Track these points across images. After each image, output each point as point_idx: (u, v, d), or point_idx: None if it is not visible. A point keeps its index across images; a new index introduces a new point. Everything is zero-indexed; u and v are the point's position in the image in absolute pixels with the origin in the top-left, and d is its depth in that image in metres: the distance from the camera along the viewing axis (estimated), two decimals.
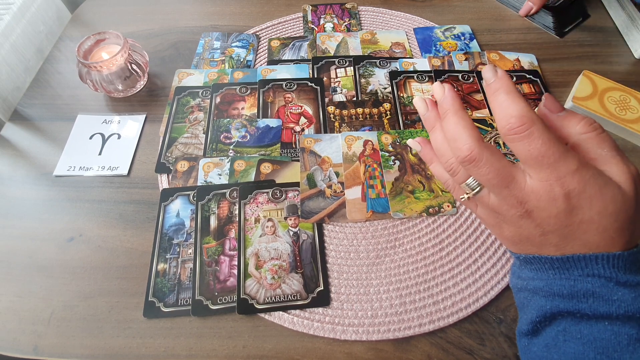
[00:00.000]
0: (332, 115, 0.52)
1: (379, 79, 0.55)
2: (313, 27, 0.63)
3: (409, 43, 0.60)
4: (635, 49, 0.58)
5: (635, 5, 0.59)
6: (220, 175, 0.46)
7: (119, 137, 0.51)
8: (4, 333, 0.37)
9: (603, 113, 0.50)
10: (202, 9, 0.66)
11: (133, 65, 0.52)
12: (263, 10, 0.65)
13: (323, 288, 0.39)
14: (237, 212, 0.43)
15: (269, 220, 0.43)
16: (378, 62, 0.57)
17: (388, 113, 0.52)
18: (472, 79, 0.55)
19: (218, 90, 0.54)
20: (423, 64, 0.57)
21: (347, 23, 0.63)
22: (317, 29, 0.63)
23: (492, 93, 0.26)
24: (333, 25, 0.63)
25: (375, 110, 0.52)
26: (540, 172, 0.24)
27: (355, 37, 0.61)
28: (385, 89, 0.54)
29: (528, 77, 0.55)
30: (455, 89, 0.54)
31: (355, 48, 0.60)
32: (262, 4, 0.66)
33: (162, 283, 0.39)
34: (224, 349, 0.36)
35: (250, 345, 0.37)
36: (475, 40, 0.61)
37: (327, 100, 0.53)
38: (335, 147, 0.48)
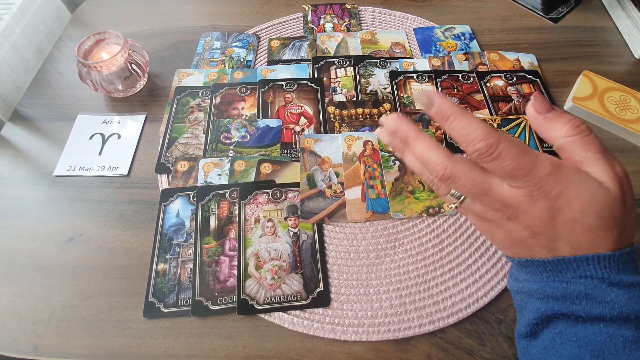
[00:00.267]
0: (332, 116, 0.52)
1: (379, 79, 0.55)
2: (313, 27, 0.63)
3: (409, 43, 0.60)
4: (635, 49, 0.58)
5: (636, 5, 0.59)
6: (220, 176, 0.46)
7: (119, 137, 0.51)
8: (4, 333, 0.37)
9: (603, 113, 0.50)
10: (202, 9, 0.66)
11: (133, 65, 0.52)
12: (263, 10, 0.65)
13: (323, 288, 0.39)
14: (237, 212, 0.43)
15: (269, 221, 0.43)
16: (378, 62, 0.57)
17: (388, 113, 0.52)
18: (472, 79, 0.55)
19: (218, 90, 0.54)
20: (423, 64, 0.57)
21: (347, 23, 0.63)
22: (317, 29, 0.63)
23: (444, 120, 0.27)
24: (333, 25, 0.63)
25: (376, 111, 0.52)
26: (518, 181, 0.25)
27: (355, 37, 0.61)
28: (385, 89, 0.54)
29: (528, 77, 0.55)
30: (455, 89, 0.54)
31: (355, 48, 0.60)
32: (262, 4, 0.66)
33: (162, 283, 0.39)
34: (224, 349, 0.36)
35: (250, 346, 0.37)
36: (475, 40, 0.61)
37: (327, 101, 0.53)
38: (335, 147, 0.48)
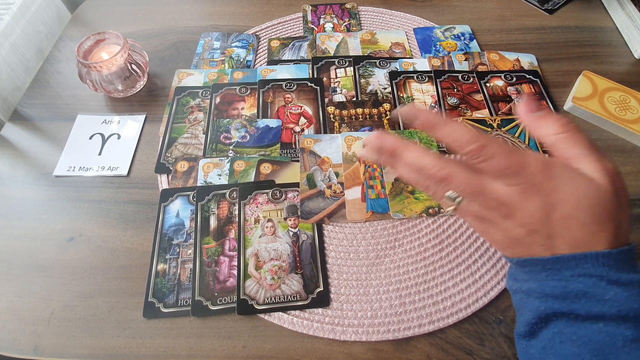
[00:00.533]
0: (332, 116, 0.52)
1: (379, 79, 0.55)
2: (313, 27, 0.63)
3: (409, 43, 0.60)
4: (635, 49, 0.58)
5: (636, 5, 0.59)
6: (220, 176, 0.46)
7: (119, 137, 0.51)
8: (4, 333, 0.37)
9: (603, 113, 0.50)
10: (202, 9, 0.66)
11: (133, 65, 0.52)
12: (263, 10, 0.65)
13: (323, 288, 0.39)
14: (236, 212, 0.43)
15: (269, 221, 0.43)
16: (378, 62, 0.57)
17: (388, 113, 0.52)
18: (472, 79, 0.55)
19: (218, 91, 0.54)
20: (423, 64, 0.57)
21: (347, 23, 0.63)
22: (317, 29, 0.63)
23: (431, 127, 0.27)
24: (333, 25, 0.63)
25: (375, 111, 0.52)
26: (510, 180, 0.25)
27: (355, 37, 0.61)
28: (385, 89, 0.54)
29: (528, 77, 0.55)
30: (455, 90, 0.54)
31: (355, 48, 0.60)
32: (262, 4, 0.66)
33: (162, 283, 0.39)
34: (224, 349, 0.36)
35: (250, 346, 0.37)
36: (475, 41, 0.61)
37: (327, 101, 0.53)
38: (335, 147, 0.48)
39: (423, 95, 0.53)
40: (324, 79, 0.55)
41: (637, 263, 0.25)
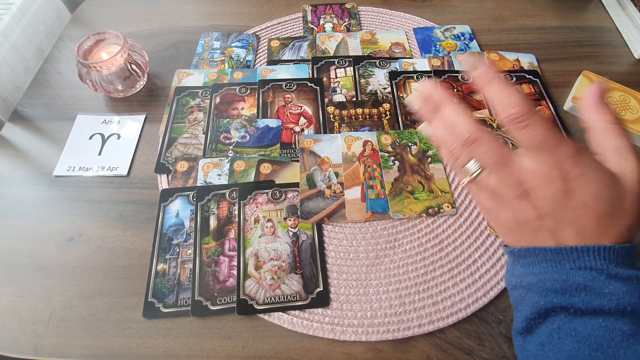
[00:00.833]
0: (331, 116, 0.52)
1: (379, 79, 0.55)
2: (313, 27, 0.63)
3: (409, 43, 0.60)
4: (635, 49, 0.58)
5: (636, 5, 0.59)
6: (220, 176, 0.46)
7: (119, 137, 0.51)
8: (4, 333, 0.37)
9: None
10: (202, 9, 0.66)
11: (133, 66, 0.52)
12: (263, 10, 0.65)
13: (322, 289, 0.39)
14: (236, 212, 0.43)
15: (269, 221, 0.43)
16: (378, 62, 0.57)
17: (388, 113, 0.52)
18: (471, 79, 0.55)
19: (218, 91, 0.54)
20: (423, 64, 0.57)
21: (346, 23, 0.63)
22: (316, 29, 0.63)
23: (485, 83, 0.27)
24: (333, 26, 0.63)
25: (375, 111, 0.52)
26: (540, 155, 0.25)
27: (355, 37, 0.61)
28: (385, 89, 0.54)
29: (528, 77, 0.55)
30: (455, 90, 0.54)
31: (355, 48, 0.60)
32: (262, 4, 0.66)
33: (161, 283, 0.39)
34: (224, 349, 0.36)
35: (250, 346, 0.37)
36: (475, 41, 0.61)
37: (326, 101, 0.53)
38: (335, 147, 0.48)
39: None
40: (324, 79, 0.55)
41: (636, 261, 0.26)
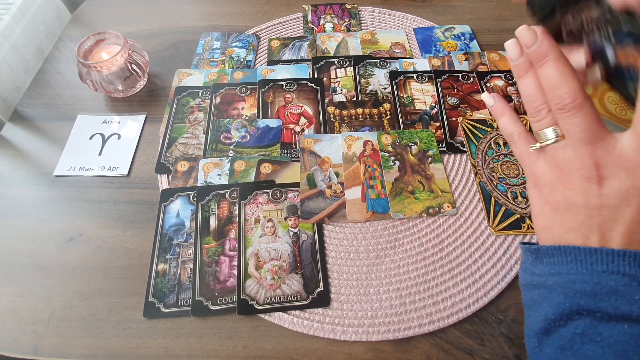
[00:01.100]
0: (332, 116, 0.52)
1: (379, 79, 0.55)
2: (313, 27, 0.63)
3: (409, 43, 0.60)
4: None
5: None
6: (220, 176, 0.46)
7: (119, 137, 0.51)
8: (4, 333, 0.37)
9: (603, 113, 0.50)
10: (202, 9, 0.66)
11: (133, 66, 0.52)
12: (263, 10, 0.65)
13: (323, 288, 0.39)
14: (237, 212, 0.43)
15: (269, 221, 0.43)
16: (378, 62, 0.57)
17: (388, 113, 0.52)
18: (472, 79, 0.55)
19: (218, 91, 0.54)
20: (423, 64, 0.57)
21: (347, 23, 0.63)
22: (317, 29, 0.63)
23: (540, 61, 0.25)
24: (333, 25, 0.63)
25: (375, 111, 0.52)
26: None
27: (355, 37, 0.61)
28: (385, 89, 0.54)
29: None
30: (455, 89, 0.54)
31: (355, 48, 0.60)
32: (262, 4, 0.66)
33: (162, 283, 0.39)
34: (224, 349, 0.36)
35: (250, 346, 0.37)
36: (475, 41, 0.61)
37: (327, 101, 0.53)
38: (335, 147, 0.48)
39: (423, 95, 0.53)
40: (324, 79, 0.55)
41: None
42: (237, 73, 0.56)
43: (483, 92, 0.54)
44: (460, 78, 0.55)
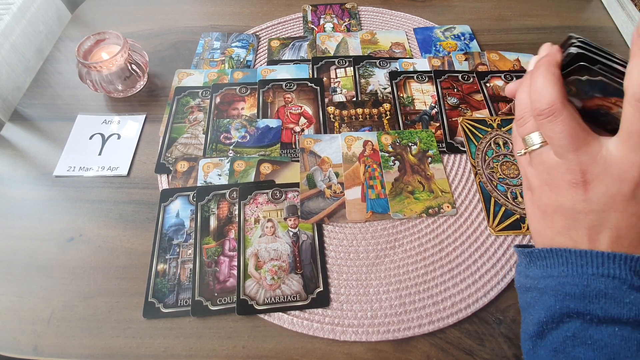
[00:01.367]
0: (331, 116, 0.52)
1: (379, 79, 0.55)
2: (313, 27, 0.63)
3: (409, 43, 0.60)
4: None
5: (636, 5, 0.59)
6: (220, 176, 0.46)
7: (119, 137, 0.51)
8: (4, 333, 0.37)
9: None
10: (202, 9, 0.66)
11: (133, 66, 0.52)
12: (263, 10, 0.65)
13: (323, 289, 0.39)
14: (236, 212, 0.43)
15: (269, 221, 0.43)
16: (378, 62, 0.57)
17: (388, 113, 0.52)
18: (472, 79, 0.55)
19: (218, 91, 0.54)
20: (423, 64, 0.57)
21: (347, 23, 0.63)
22: (317, 29, 0.63)
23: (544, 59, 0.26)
24: (333, 26, 0.63)
25: (375, 111, 0.52)
26: (633, 150, 0.23)
27: (355, 37, 0.61)
28: (385, 89, 0.54)
29: None
30: (455, 89, 0.54)
31: (355, 48, 0.60)
32: (262, 4, 0.66)
33: (161, 283, 0.39)
34: (224, 349, 0.36)
35: (250, 346, 0.37)
36: (475, 41, 0.61)
37: (327, 101, 0.53)
38: (335, 147, 0.48)
39: (423, 95, 0.53)
40: (324, 79, 0.55)
41: None
42: (237, 73, 0.56)
43: (483, 92, 0.54)
44: (460, 78, 0.55)
